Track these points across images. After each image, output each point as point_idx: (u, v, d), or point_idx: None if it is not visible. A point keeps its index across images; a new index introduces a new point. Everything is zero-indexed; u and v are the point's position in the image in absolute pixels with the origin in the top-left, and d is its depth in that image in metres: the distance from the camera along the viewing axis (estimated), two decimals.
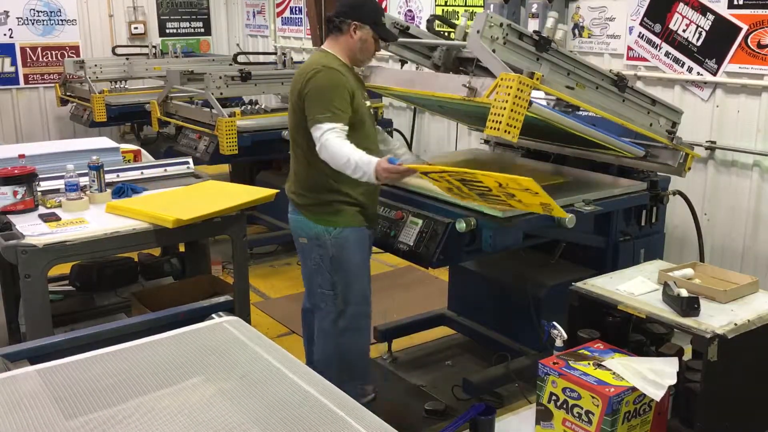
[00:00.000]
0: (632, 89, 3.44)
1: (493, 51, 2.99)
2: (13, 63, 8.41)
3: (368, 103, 3.29)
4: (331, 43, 3.23)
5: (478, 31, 2.98)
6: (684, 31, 4.68)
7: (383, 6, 7.26)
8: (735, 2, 4.38)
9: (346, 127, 3.03)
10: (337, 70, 3.10)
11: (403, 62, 4.01)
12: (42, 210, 3.46)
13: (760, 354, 2.19)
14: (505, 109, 2.84)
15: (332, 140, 2.97)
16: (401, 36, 3.71)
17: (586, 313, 2.33)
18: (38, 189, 3.51)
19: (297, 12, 8.45)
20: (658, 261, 2.75)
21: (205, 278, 4.07)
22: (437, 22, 3.85)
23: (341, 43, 3.20)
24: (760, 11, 4.26)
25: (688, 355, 2.22)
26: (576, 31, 5.40)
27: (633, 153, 3.63)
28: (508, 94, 2.84)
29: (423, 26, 6.69)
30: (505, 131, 2.85)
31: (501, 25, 2.99)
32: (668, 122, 3.62)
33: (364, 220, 3.24)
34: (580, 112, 3.69)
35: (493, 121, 2.88)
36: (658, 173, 3.79)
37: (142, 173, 4.08)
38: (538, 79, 2.94)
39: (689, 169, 3.70)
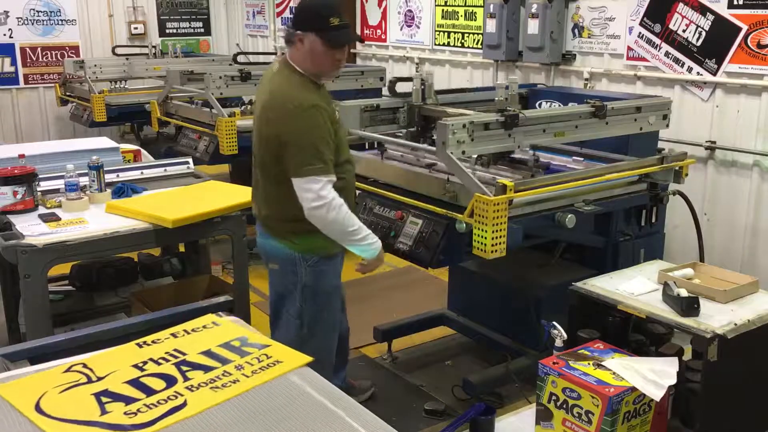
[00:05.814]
0: (613, 109, 3.51)
1: (463, 152, 3.04)
2: (13, 63, 8.42)
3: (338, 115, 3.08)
4: (291, 55, 2.98)
5: (443, 143, 2.99)
6: (684, 31, 4.68)
7: (383, 6, 7.25)
8: (735, 2, 4.38)
9: (334, 179, 2.89)
10: (317, 106, 2.86)
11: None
12: (42, 210, 3.46)
13: (760, 354, 2.19)
14: (486, 232, 2.90)
15: (338, 202, 2.83)
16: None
17: (586, 313, 2.33)
18: (38, 189, 3.51)
19: None
20: (658, 261, 2.75)
21: (205, 278, 4.07)
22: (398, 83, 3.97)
23: (297, 56, 2.94)
24: (760, 11, 4.26)
25: (688, 355, 2.22)
26: (576, 31, 5.40)
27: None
28: (485, 218, 2.89)
29: (423, 29, 6.74)
30: (492, 252, 2.93)
31: (464, 126, 3.02)
32: (659, 115, 3.71)
33: (331, 248, 3.04)
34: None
35: (477, 242, 2.95)
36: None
37: (142, 173, 4.09)
38: (511, 189, 2.94)
39: (686, 174, 3.71)
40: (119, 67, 7.66)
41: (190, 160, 4.39)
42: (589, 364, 2.00)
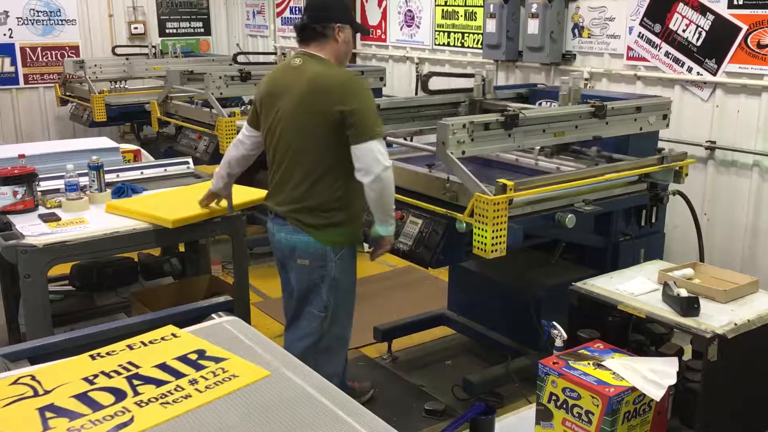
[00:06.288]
0: (613, 109, 3.52)
1: (463, 153, 3.05)
2: (13, 63, 8.41)
3: None
4: (318, 49, 3.05)
5: (443, 143, 3.02)
6: (684, 31, 4.68)
7: (383, 6, 7.27)
8: (735, 2, 4.38)
9: None
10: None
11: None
12: (42, 210, 3.46)
13: (760, 354, 2.19)
14: (486, 231, 2.91)
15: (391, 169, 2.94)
16: None
17: (586, 313, 2.33)
18: (38, 189, 3.52)
19: (297, 12, 8.46)
20: (658, 261, 2.74)
21: (205, 278, 4.07)
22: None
23: (329, 48, 3.05)
24: (760, 11, 4.26)
25: (688, 355, 2.22)
26: (576, 31, 5.40)
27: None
28: (486, 217, 2.89)
29: (423, 28, 6.74)
30: (492, 251, 2.93)
31: (464, 126, 3.04)
32: (659, 115, 3.75)
33: (358, 235, 3.16)
34: None
35: (478, 242, 2.96)
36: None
37: (142, 173, 4.09)
38: (511, 189, 2.95)
39: (686, 174, 3.72)
40: (119, 67, 7.66)
41: (190, 160, 4.39)
42: (589, 364, 2.00)
